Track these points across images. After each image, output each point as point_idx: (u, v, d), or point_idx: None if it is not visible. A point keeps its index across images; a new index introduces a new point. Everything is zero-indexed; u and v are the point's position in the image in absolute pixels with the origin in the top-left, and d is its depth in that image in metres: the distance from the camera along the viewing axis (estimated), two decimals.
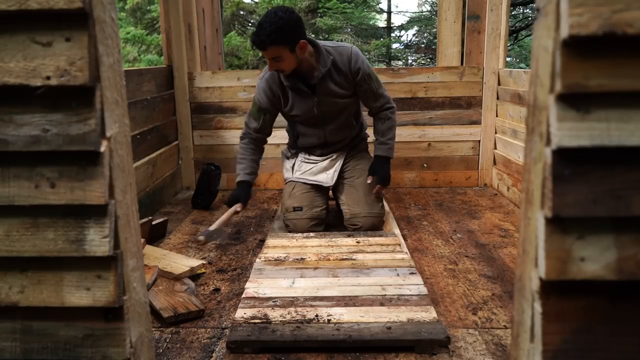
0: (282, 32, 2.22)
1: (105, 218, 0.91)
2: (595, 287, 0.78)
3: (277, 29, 2.20)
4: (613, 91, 0.72)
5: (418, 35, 9.68)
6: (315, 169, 2.67)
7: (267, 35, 2.20)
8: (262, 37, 2.20)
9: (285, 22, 2.22)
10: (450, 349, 1.58)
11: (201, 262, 2.22)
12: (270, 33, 2.19)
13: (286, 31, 2.23)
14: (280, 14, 2.22)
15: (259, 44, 2.22)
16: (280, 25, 2.20)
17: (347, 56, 2.42)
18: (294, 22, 2.26)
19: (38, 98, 0.86)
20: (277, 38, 2.21)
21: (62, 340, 0.98)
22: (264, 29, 2.20)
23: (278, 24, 2.20)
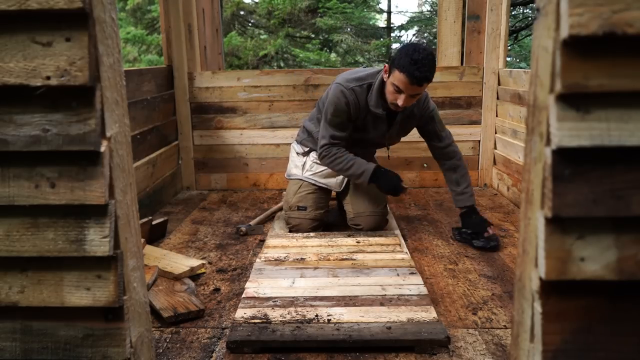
0: (435, 68, 2.27)
1: (105, 218, 0.91)
2: (595, 287, 0.78)
3: (434, 65, 2.25)
4: (613, 91, 0.72)
5: (418, 35, 9.68)
6: (327, 172, 2.64)
7: (430, 72, 2.22)
8: (426, 73, 2.21)
9: (434, 58, 2.29)
10: (450, 349, 1.58)
11: (201, 262, 2.22)
12: (432, 69, 2.23)
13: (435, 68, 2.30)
14: (429, 50, 2.25)
15: (421, 80, 2.21)
16: (434, 61, 2.26)
17: (421, 101, 2.48)
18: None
19: (38, 98, 0.86)
20: (433, 73, 2.26)
21: (62, 340, 0.98)
22: (425, 65, 2.20)
23: (433, 60, 2.25)
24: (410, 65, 2.19)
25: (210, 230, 2.83)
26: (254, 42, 8.01)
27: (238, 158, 3.70)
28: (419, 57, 2.19)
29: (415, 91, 2.25)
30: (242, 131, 3.64)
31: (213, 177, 3.74)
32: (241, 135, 3.64)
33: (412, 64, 2.19)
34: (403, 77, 2.21)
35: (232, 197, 3.56)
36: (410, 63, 2.19)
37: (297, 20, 8.34)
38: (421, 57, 2.19)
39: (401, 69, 2.22)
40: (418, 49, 2.22)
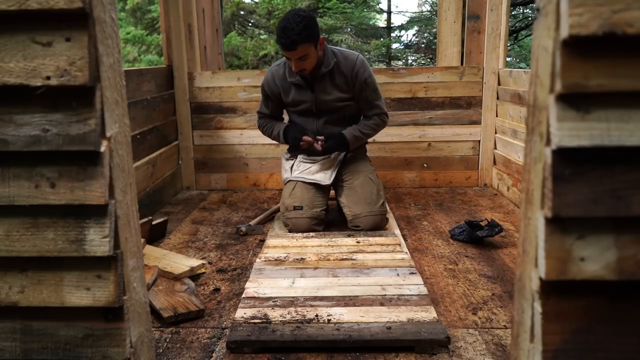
0: (309, 30, 2.32)
1: (105, 218, 0.91)
2: (595, 287, 0.78)
3: (305, 27, 2.30)
4: (613, 91, 0.72)
5: (418, 35, 9.68)
6: (313, 168, 2.68)
7: (297, 34, 2.28)
8: (292, 36, 2.28)
9: (309, 20, 2.34)
10: (450, 349, 1.58)
11: (201, 262, 2.22)
12: (300, 31, 2.29)
13: (312, 28, 2.35)
14: (301, 14, 2.33)
15: (290, 45, 2.30)
16: (306, 23, 2.31)
17: (351, 61, 2.53)
18: (314, 19, 2.40)
19: (38, 98, 0.86)
20: (306, 35, 2.31)
21: (62, 340, 0.98)
22: (291, 29, 2.28)
23: (304, 23, 2.30)
24: (279, 34, 2.33)
25: (210, 230, 2.83)
26: (254, 42, 8.01)
27: (238, 158, 3.70)
28: (285, 24, 2.30)
29: (294, 56, 2.37)
30: (242, 131, 3.64)
31: (213, 177, 3.74)
32: (241, 135, 3.64)
33: (280, 32, 2.32)
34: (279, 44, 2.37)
35: (232, 197, 3.56)
36: (279, 31, 2.33)
37: None
38: (286, 24, 2.29)
39: (277, 40, 2.38)
40: (287, 16, 2.33)
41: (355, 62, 2.53)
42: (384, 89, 3.55)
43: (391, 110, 3.58)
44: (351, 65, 2.52)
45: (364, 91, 2.56)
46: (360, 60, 2.54)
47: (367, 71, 2.55)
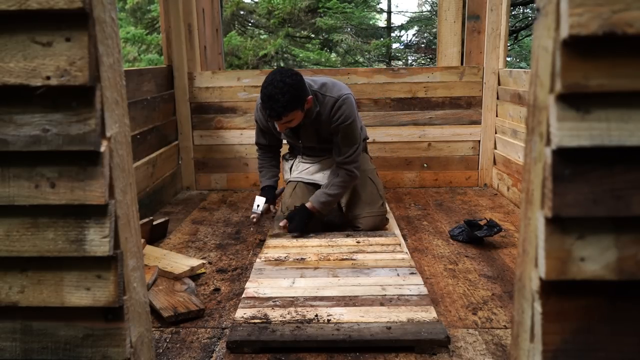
0: (295, 99, 2.21)
1: (105, 218, 0.91)
2: (595, 287, 0.78)
3: (291, 97, 2.19)
4: (613, 91, 0.72)
5: (418, 35, 9.67)
6: (312, 168, 2.68)
7: (283, 107, 2.18)
8: (278, 109, 2.18)
9: (295, 87, 2.20)
10: (450, 349, 1.58)
11: (201, 261, 2.22)
12: (286, 103, 2.18)
13: (298, 96, 2.22)
14: (286, 80, 2.18)
15: (275, 116, 2.21)
16: (292, 93, 2.18)
17: (330, 106, 2.38)
18: (300, 83, 2.25)
19: (38, 98, 0.86)
20: (293, 105, 2.21)
21: (62, 340, 0.98)
22: (276, 100, 2.17)
23: (290, 93, 2.18)
24: (265, 101, 2.21)
25: (210, 230, 2.83)
26: (254, 42, 8.01)
27: (238, 158, 3.70)
28: (272, 93, 2.17)
29: (282, 122, 2.28)
30: (242, 131, 3.64)
31: (213, 177, 3.74)
32: (241, 135, 3.64)
33: (266, 99, 2.20)
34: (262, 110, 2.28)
35: (232, 197, 3.56)
36: (265, 98, 2.21)
37: (297, 20, 8.34)
38: (274, 92, 2.17)
39: (261, 103, 2.28)
40: (274, 82, 2.19)
41: (332, 107, 2.37)
42: (384, 89, 3.55)
43: (391, 110, 3.59)
44: (329, 112, 2.38)
45: (337, 135, 2.43)
46: (337, 105, 2.37)
47: (342, 116, 2.37)
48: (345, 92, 2.42)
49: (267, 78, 2.24)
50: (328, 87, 2.42)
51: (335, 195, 2.48)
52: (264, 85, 2.22)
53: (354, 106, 2.43)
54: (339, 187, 2.47)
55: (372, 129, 3.55)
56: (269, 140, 2.67)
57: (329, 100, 2.38)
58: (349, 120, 2.38)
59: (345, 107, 2.37)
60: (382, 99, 3.59)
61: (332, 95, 2.39)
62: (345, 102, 2.38)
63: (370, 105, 3.59)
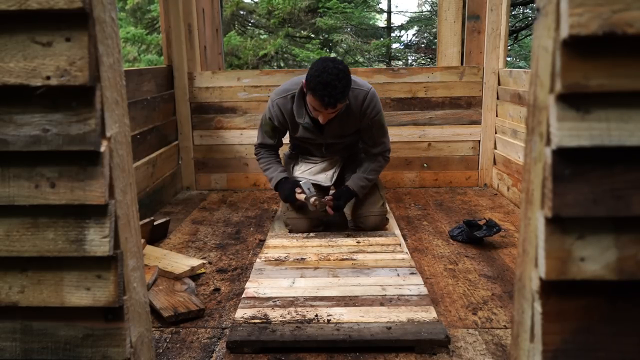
0: (349, 85, 2.21)
1: (105, 218, 0.91)
2: (595, 287, 0.78)
3: (347, 83, 2.17)
4: (613, 91, 0.72)
5: (418, 35, 9.68)
6: (315, 169, 2.68)
7: (341, 93, 2.15)
8: (337, 95, 2.14)
9: (348, 74, 2.20)
10: (450, 349, 1.58)
11: (201, 261, 2.22)
12: (344, 89, 2.16)
13: (350, 82, 2.22)
14: (339, 67, 2.17)
15: (334, 104, 2.17)
16: (346, 78, 2.18)
17: (361, 99, 2.38)
18: (349, 70, 2.24)
19: (38, 98, 0.86)
20: (347, 92, 2.21)
21: (62, 340, 0.98)
22: (335, 87, 2.13)
23: (345, 78, 2.16)
24: (320, 89, 2.14)
25: (210, 230, 2.83)
26: (253, 42, 8.01)
27: (238, 158, 3.70)
28: (329, 79, 2.13)
29: (330, 111, 2.24)
30: (242, 131, 3.64)
31: (213, 177, 3.74)
32: (241, 135, 3.64)
33: (322, 87, 2.14)
34: (315, 100, 2.20)
35: (232, 197, 3.56)
36: (320, 86, 2.14)
37: (297, 20, 8.34)
38: (331, 79, 2.12)
39: (313, 92, 2.19)
40: (327, 69, 2.15)
41: (363, 101, 2.39)
42: (384, 89, 3.55)
43: (391, 110, 3.59)
44: (359, 104, 2.39)
45: (371, 129, 2.47)
46: (369, 98, 2.40)
47: (375, 109, 2.42)
48: (370, 85, 2.48)
49: (318, 66, 2.19)
50: (354, 80, 2.42)
51: (372, 180, 2.56)
52: (316, 74, 2.16)
53: (379, 98, 2.51)
54: (376, 172, 2.57)
55: None
56: (277, 140, 2.61)
57: (359, 93, 2.39)
58: (381, 111, 2.48)
59: (376, 99, 2.46)
60: (382, 99, 3.57)
61: (361, 88, 2.40)
62: (375, 95, 2.45)
63: None
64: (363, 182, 2.52)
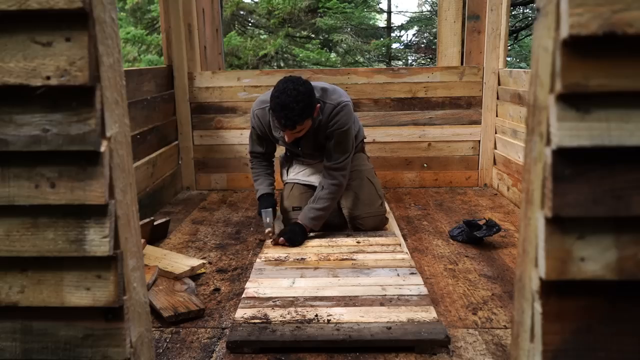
0: (308, 107, 2.18)
1: (105, 218, 0.91)
2: (595, 287, 0.78)
3: (305, 105, 2.15)
4: (613, 91, 0.72)
5: (418, 35, 9.68)
6: (308, 170, 2.67)
7: (298, 115, 2.14)
8: (293, 118, 2.14)
9: (308, 95, 2.17)
10: (450, 349, 1.58)
11: (202, 261, 2.22)
12: (302, 112, 2.14)
13: (310, 103, 2.19)
14: (300, 89, 2.15)
15: (290, 125, 2.16)
16: (305, 101, 2.15)
17: (328, 113, 2.35)
18: (311, 91, 2.22)
19: (38, 98, 0.86)
20: (307, 114, 2.19)
21: (62, 340, 0.98)
22: (291, 109, 2.12)
23: (304, 100, 2.14)
24: (278, 111, 2.15)
25: (210, 230, 2.83)
26: (253, 42, 8.01)
27: (238, 158, 3.70)
28: (287, 102, 2.12)
29: (294, 131, 2.22)
30: (242, 131, 3.64)
31: (213, 177, 3.74)
32: (241, 135, 3.64)
33: (280, 109, 2.14)
34: (275, 121, 2.20)
35: (232, 197, 3.56)
36: (278, 107, 2.14)
37: (297, 20, 8.34)
38: (289, 101, 2.12)
39: (272, 112, 2.20)
40: (287, 90, 2.14)
41: (329, 114, 2.34)
42: (384, 89, 3.55)
43: (391, 110, 3.59)
44: (326, 118, 2.35)
45: (331, 140, 2.40)
46: (335, 112, 2.34)
47: (338, 123, 2.35)
48: (345, 99, 2.40)
49: (278, 87, 2.19)
50: (328, 93, 2.40)
51: (324, 209, 2.44)
52: (276, 95, 2.17)
53: (351, 114, 2.41)
54: (326, 200, 2.43)
55: (372, 129, 3.55)
56: (266, 147, 2.62)
57: (328, 107, 2.36)
58: (345, 127, 2.37)
59: (343, 114, 2.36)
60: (382, 99, 3.59)
61: (331, 103, 2.37)
62: (343, 109, 2.36)
63: (370, 105, 3.59)
64: (312, 213, 2.43)
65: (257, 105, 2.50)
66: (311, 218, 2.43)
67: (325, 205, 2.44)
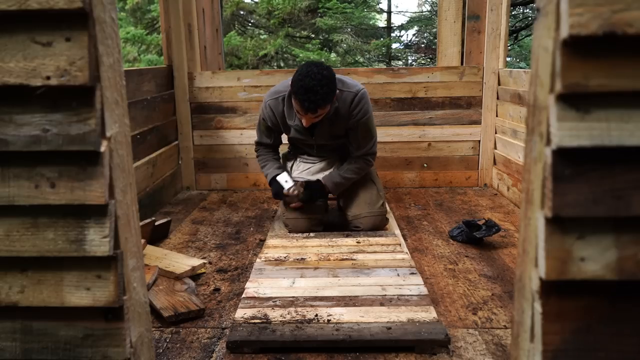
0: (331, 91, 2.19)
1: (105, 218, 0.91)
2: (595, 287, 0.78)
3: (329, 89, 2.16)
4: (613, 91, 0.72)
5: (418, 35, 9.68)
6: (313, 169, 2.68)
7: (322, 99, 2.15)
8: (317, 101, 2.14)
9: (331, 80, 2.19)
10: (450, 349, 1.58)
11: (202, 261, 2.22)
12: (325, 96, 2.15)
13: (334, 88, 2.21)
14: (324, 72, 2.16)
15: (314, 109, 2.17)
16: (329, 85, 2.16)
17: (349, 101, 2.37)
18: (334, 75, 2.23)
19: (38, 98, 0.86)
20: (329, 98, 2.19)
21: (62, 340, 0.98)
22: (316, 92, 2.12)
23: (328, 85, 2.15)
24: (301, 94, 2.15)
25: (210, 230, 2.83)
26: (253, 42, 8.01)
27: (238, 158, 3.70)
28: (311, 85, 2.12)
29: (312, 115, 2.23)
30: (242, 131, 3.64)
31: (213, 177, 3.74)
32: (241, 135, 3.64)
33: (303, 92, 2.14)
34: (297, 104, 2.22)
35: (232, 197, 3.56)
36: (301, 91, 2.15)
37: (297, 20, 8.34)
38: (313, 84, 2.12)
39: (295, 96, 2.21)
40: (311, 74, 2.14)
41: (351, 103, 2.37)
42: (384, 89, 3.55)
43: (391, 110, 3.59)
44: (347, 107, 2.37)
45: (357, 130, 2.45)
46: (357, 100, 2.38)
47: (362, 111, 2.39)
48: (361, 86, 2.44)
49: (302, 70, 2.20)
50: (344, 82, 2.42)
51: (348, 179, 2.52)
52: (299, 78, 2.17)
53: (369, 101, 2.46)
54: (354, 172, 2.52)
55: None
56: (273, 139, 2.64)
57: (347, 95, 2.38)
58: (368, 113, 2.43)
59: (364, 101, 2.40)
60: (382, 99, 3.59)
61: (350, 90, 2.39)
62: (363, 97, 2.40)
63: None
64: (337, 179, 2.50)
65: (270, 95, 2.52)
66: (335, 182, 2.51)
67: (351, 176, 2.53)
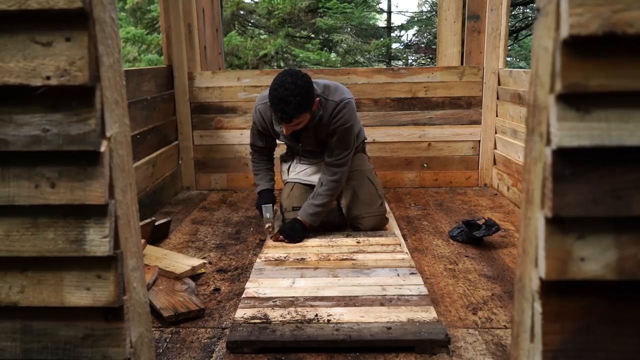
0: (307, 101, 2.18)
1: (105, 218, 0.91)
2: (595, 287, 0.78)
3: (303, 99, 2.15)
4: (613, 91, 0.72)
5: (418, 35, 9.68)
6: (310, 170, 2.67)
7: (295, 109, 2.15)
8: (290, 112, 2.14)
9: (306, 89, 2.18)
10: (450, 349, 1.58)
11: (202, 261, 2.22)
12: (298, 106, 2.15)
13: (308, 97, 2.19)
14: (298, 82, 2.15)
15: (287, 118, 2.17)
16: (303, 94, 2.15)
17: (330, 110, 2.37)
18: (310, 84, 2.23)
19: (38, 98, 0.86)
20: (304, 107, 2.19)
21: (62, 340, 0.98)
22: (289, 103, 2.13)
23: (302, 94, 2.15)
24: (275, 103, 2.17)
25: (210, 230, 2.83)
26: (254, 42, 8.00)
27: (238, 158, 3.70)
28: (284, 95, 2.13)
29: (292, 124, 2.23)
30: (242, 131, 3.64)
31: (213, 177, 3.74)
32: (241, 135, 3.64)
33: (277, 102, 2.15)
34: (273, 113, 2.23)
35: (232, 197, 3.56)
36: (275, 100, 2.16)
37: (297, 20, 8.34)
38: (286, 95, 2.13)
39: (270, 105, 2.23)
40: (285, 84, 2.15)
41: (332, 112, 2.36)
42: (384, 89, 3.55)
43: (391, 110, 3.59)
44: (329, 115, 2.36)
45: (333, 137, 2.41)
46: (337, 109, 2.36)
47: (341, 120, 2.37)
48: (347, 96, 2.41)
49: (277, 80, 2.20)
50: (330, 90, 2.41)
51: (323, 205, 2.46)
52: (274, 88, 2.18)
53: (354, 111, 2.43)
54: (325, 196, 2.45)
55: (372, 129, 3.55)
56: (266, 142, 2.63)
57: (330, 104, 2.37)
58: (348, 124, 2.38)
59: (346, 111, 2.37)
60: (382, 99, 3.59)
61: (333, 100, 2.37)
62: (346, 107, 2.37)
63: (370, 105, 3.59)
64: (311, 209, 2.45)
65: (260, 100, 2.52)
66: (310, 214, 2.45)
67: (324, 201, 2.46)
